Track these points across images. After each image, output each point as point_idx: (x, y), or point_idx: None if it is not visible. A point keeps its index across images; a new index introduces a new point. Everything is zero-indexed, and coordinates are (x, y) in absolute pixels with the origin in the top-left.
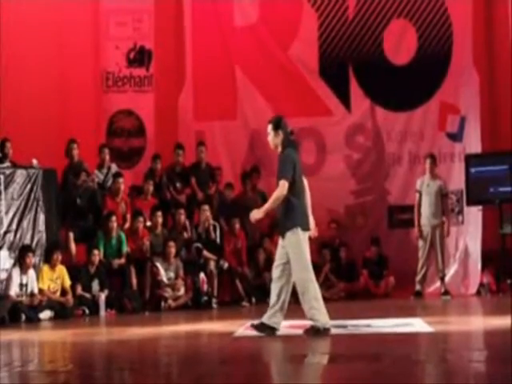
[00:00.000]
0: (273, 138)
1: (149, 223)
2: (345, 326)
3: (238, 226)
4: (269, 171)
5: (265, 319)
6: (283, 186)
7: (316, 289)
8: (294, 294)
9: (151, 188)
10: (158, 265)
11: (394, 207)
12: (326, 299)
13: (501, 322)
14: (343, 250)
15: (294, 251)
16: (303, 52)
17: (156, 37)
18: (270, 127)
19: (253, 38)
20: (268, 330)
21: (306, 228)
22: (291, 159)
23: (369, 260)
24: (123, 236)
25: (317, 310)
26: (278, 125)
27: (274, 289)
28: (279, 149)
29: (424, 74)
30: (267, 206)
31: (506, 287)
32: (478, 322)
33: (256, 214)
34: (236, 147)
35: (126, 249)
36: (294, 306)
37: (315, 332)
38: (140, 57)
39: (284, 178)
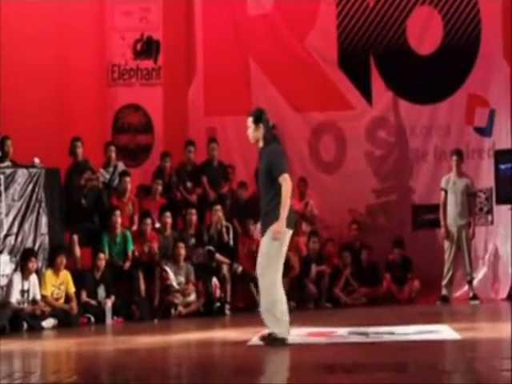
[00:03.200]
0: (253, 132)
1: (157, 225)
2: (366, 334)
3: (252, 227)
4: None
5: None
6: (287, 180)
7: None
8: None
9: (160, 188)
10: (168, 269)
11: (418, 207)
12: (347, 305)
13: None
14: (365, 253)
15: (273, 247)
16: (321, 42)
17: (164, 27)
18: (250, 120)
19: (267, 28)
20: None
21: (291, 226)
22: (281, 153)
23: (392, 263)
24: (129, 234)
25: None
26: (258, 118)
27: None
28: (260, 143)
29: (450, 64)
30: (283, 210)
31: None
32: (508, 329)
33: (279, 228)
34: (250, 144)
35: (132, 248)
36: (312, 311)
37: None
38: (147, 48)
39: (283, 171)
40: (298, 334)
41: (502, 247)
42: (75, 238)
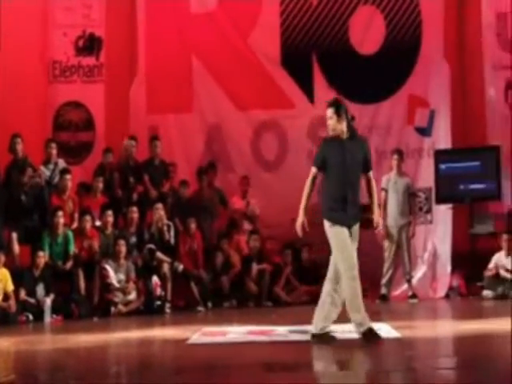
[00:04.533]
0: (335, 123)
1: (98, 223)
2: (306, 332)
3: (193, 225)
4: (226, 167)
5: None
6: (373, 178)
7: None
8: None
9: (101, 185)
10: (108, 267)
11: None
12: (287, 303)
13: (470, 326)
14: (305, 251)
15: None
16: (264, 40)
17: (107, 23)
18: (331, 111)
19: (211, 26)
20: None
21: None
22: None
23: None
24: (70, 235)
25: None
26: (341, 109)
27: None
28: (344, 135)
29: (392, 64)
30: (376, 204)
31: (476, 290)
32: (446, 327)
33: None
34: (192, 142)
35: (73, 249)
36: (253, 309)
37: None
38: (89, 45)
39: (371, 169)
40: (238, 333)
41: (440, 246)
42: (14, 235)
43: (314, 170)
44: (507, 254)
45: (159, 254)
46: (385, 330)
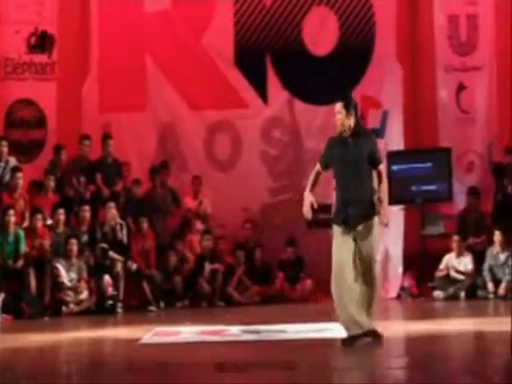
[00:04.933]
0: (344, 119)
1: (49, 221)
2: (259, 332)
3: (146, 225)
4: (179, 167)
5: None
6: (384, 173)
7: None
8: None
9: (52, 184)
10: (59, 266)
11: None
12: (240, 303)
13: (421, 327)
14: (258, 252)
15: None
16: (218, 40)
17: (59, 21)
18: (340, 106)
19: (164, 25)
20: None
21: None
22: None
23: (285, 262)
24: (21, 233)
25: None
26: (351, 105)
27: None
28: (347, 133)
29: (345, 65)
30: (386, 201)
31: (427, 291)
32: (397, 327)
33: (388, 213)
34: (145, 141)
35: (24, 248)
36: (205, 309)
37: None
38: (42, 42)
39: (381, 163)
40: (190, 333)
41: (392, 247)
42: None
43: (318, 166)
44: (457, 255)
45: (112, 253)
46: (337, 330)
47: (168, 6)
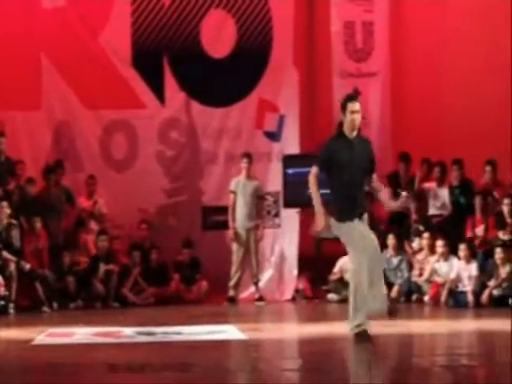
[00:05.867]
0: (360, 118)
1: None
2: (154, 334)
3: (39, 224)
4: (74, 166)
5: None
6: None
7: None
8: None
9: None
10: None
11: (208, 208)
12: (135, 304)
13: (315, 329)
14: (154, 253)
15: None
16: (115, 39)
17: None
18: (359, 105)
19: (61, 22)
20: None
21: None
22: None
23: (180, 263)
24: None
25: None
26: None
27: None
28: (355, 133)
29: (243, 68)
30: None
31: (322, 293)
32: (291, 330)
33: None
34: (39, 139)
35: None
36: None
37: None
38: None
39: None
40: (84, 334)
41: (287, 249)
42: None
43: (315, 169)
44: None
45: (5, 253)
46: (232, 331)
47: (64, 3)
